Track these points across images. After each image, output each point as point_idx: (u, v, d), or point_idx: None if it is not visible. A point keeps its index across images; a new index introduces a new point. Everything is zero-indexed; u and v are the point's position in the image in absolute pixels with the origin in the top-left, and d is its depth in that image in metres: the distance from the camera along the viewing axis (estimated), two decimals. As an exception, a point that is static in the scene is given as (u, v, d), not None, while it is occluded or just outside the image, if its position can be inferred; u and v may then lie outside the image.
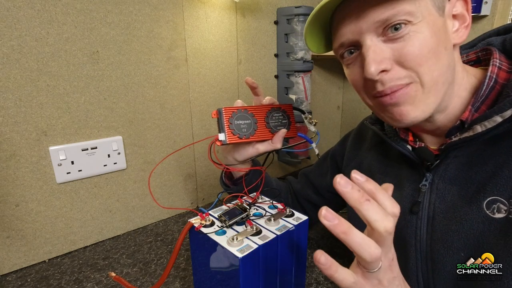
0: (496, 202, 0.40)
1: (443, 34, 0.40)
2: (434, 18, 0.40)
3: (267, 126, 0.59)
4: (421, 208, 0.47)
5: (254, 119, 0.57)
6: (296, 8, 1.03)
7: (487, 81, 0.42)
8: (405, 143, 0.50)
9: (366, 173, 0.58)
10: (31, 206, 0.71)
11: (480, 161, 0.42)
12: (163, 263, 0.73)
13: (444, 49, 0.40)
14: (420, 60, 0.39)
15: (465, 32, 0.43)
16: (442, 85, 0.41)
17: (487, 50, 0.48)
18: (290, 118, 0.61)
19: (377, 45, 0.40)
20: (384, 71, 0.41)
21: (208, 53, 0.93)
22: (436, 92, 0.41)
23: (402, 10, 0.38)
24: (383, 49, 0.40)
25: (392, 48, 0.40)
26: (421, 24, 0.39)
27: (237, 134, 0.56)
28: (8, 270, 0.70)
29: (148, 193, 0.89)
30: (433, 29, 0.39)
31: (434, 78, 0.40)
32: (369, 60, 0.40)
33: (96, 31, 0.72)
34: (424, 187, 0.47)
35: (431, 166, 0.47)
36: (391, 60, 0.40)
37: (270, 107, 0.59)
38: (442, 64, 0.41)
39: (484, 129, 0.40)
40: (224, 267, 0.45)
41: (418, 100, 0.42)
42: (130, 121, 0.82)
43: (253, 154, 0.60)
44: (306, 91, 1.10)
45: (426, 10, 0.39)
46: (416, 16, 0.38)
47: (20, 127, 0.66)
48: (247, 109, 0.57)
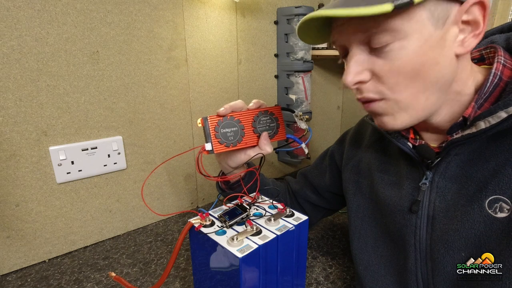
0: (499, 201, 0.39)
1: (437, 49, 0.38)
2: (428, 33, 0.37)
3: (255, 132, 0.58)
4: (420, 207, 0.46)
5: (241, 125, 0.57)
6: (296, 8, 1.03)
7: (491, 78, 0.41)
8: (406, 140, 0.49)
9: (365, 171, 0.59)
10: (31, 206, 0.71)
11: (482, 158, 0.41)
12: (163, 263, 0.73)
13: (434, 65, 0.39)
14: (398, 80, 0.39)
15: (473, 41, 0.39)
16: (425, 100, 0.41)
17: (491, 48, 0.47)
18: (278, 120, 0.61)
19: (361, 56, 0.41)
20: (361, 82, 0.41)
21: (208, 53, 0.93)
22: (417, 107, 0.41)
23: (388, 26, 0.37)
24: (365, 61, 0.40)
25: (373, 62, 0.40)
26: (407, 40, 0.37)
27: (224, 142, 0.55)
28: (8, 270, 0.70)
29: (148, 193, 0.89)
30: (422, 45, 0.38)
31: (412, 96, 0.40)
32: (348, 71, 0.41)
33: (96, 31, 0.72)
34: (424, 186, 0.46)
35: (431, 164, 0.46)
36: (370, 72, 0.41)
37: (258, 111, 0.58)
38: (427, 80, 0.39)
39: (488, 125, 0.39)
40: (224, 267, 0.45)
41: (395, 113, 0.42)
42: (130, 121, 0.82)
43: (244, 160, 0.60)
44: (306, 91, 1.10)
45: (417, 25, 0.37)
46: (402, 32, 0.37)
47: (20, 127, 0.66)
48: (233, 116, 0.56)
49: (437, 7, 0.37)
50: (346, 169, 0.63)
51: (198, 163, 0.57)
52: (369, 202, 0.56)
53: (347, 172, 0.62)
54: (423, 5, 0.36)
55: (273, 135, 0.60)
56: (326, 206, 0.72)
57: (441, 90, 0.41)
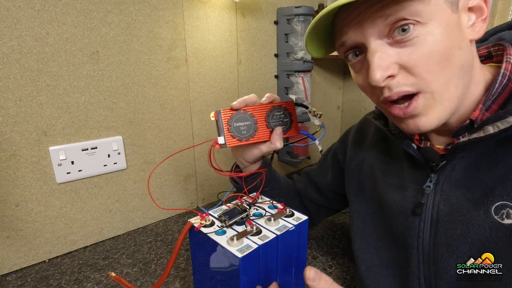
0: (506, 207, 0.37)
1: (457, 32, 0.37)
2: (447, 16, 0.36)
3: (268, 126, 0.57)
4: (424, 210, 0.45)
5: (254, 120, 0.56)
6: (296, 8, 1.03)
7: (500, 78, 0.40)
8: (410, 141, 0.47)
9: (368, 172, 0.58)
10: (31, 206, 0.71)
11: (489, 163, 0.40)
12: (163, 263, 0.73)
13: (458, 49, 0.37)
14: (429, 67, 0.37)
15: (483, 26, 0.39)
16: (455, 88, 0.39)
17: (500, 46, 0.45)
18: (291, 116, 0.60)
19: (383, 50, 0.38)
20: (390, 77, 0.39)
21: (208, 53, 0.93)
22: (449, 97, 0.39)
23: (410, 9, 0.35)
24: (390, 54, 0.38)
25: (399, 53, 0.38)
26: (431, 24, 0.36)
27: (236, 136, 0.54)
28: (8, 270, 0.70)
29: (148, 193, 0.89)
30: (445, 29, 0.36)
31: (445, 84, 0.38)
32: (374, 67, 0.38)
33: (96, 31, 0.72)
34: (428, 189, 0.45)
35: (436, 166, 0.45)
36: (398, 65, 0.38)
37: (271, 106, 0.58)
38: (455, 66, 0.38)
39: (497, 130, 0.37)
40: (224, 267, 0.45)
41: (431, 110, 0.40)
42: (130, 121, 0.82)
43: (258, 155, 0.59)
44: (306, 91, 1.10)
45: (437, 8, 0.36)
46: (426, 15, 0.35)
47: (20, 127, 0.66)
48: (246, 110, 0.56)
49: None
50: (348, 168, 0.62)
51: (210, 156, 0.56)
52: (371, 203, 0.56)
53: (349, 172, 0.62)
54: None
55: (286, 130, 0.59)
56: (329, 205, 0.72)
57: (466, 77, 0.40)
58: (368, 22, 0.38)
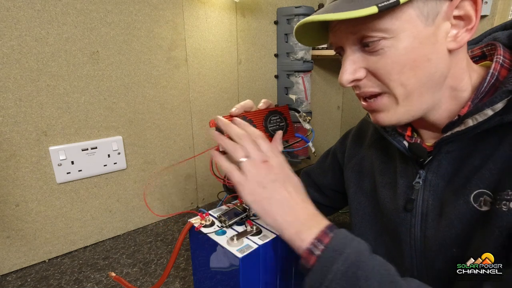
0: (483, 195, 0.39)
1: (428, 46, 0.39)
2: (418, 30, 0.38)
3: (266, 131, 0.58)
4: (415, 206, 0.47)
5: (253, 125, 0.57)
6: (296, 8, 1.03)
7: (488, 78, 0.42)
8: (402, 138, 0.49)
9: (367, 170, 0.59)
10: (31, 206, 0.71)
11: (469, 155, 0.42)
12: (163, 263, 0.73)
13: (425, 61, 0.40)
14: (392, 76, 0.40)
15: (466, 36, 0.40)
16: (419, 96, 0.42)
17: (492, 45, 0.47)
18: (287, 119, 0.61)
19: (355, 55, 0.42)
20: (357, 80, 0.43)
21: (208, 53, 0.93)
22: (412, 103, 0.42)
23: (376, 27, 0.38)
24: (359, 59, 0.42)
25: (367, 59, 0.41)
26: (397, 38, 0.38)
27: None
28: (8, 270, 0.70)
29: (148, 193, 0.89)
30: (414, 41, 0.39)
31: (408, 91, 0.41)
32: (343, 70, 0.43)
33: (96, 31, 0.72)
34: (417, 185, 0.47)
35: (423, 162, 0.47)
36: (366, 70, 0.42)
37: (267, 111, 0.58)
38: (420, 76, 0.40)
39: (476, 122, 0.40)
40: (224, 267, 0.45)
41: (392, 109, 0.43)
42: (130, 121, 0.82)
43: None
44: (306, 91, 1.10)
45: (406, 23, 0.38)
46: (393, 30, 0.38)
47: (20, 127, 0.66)
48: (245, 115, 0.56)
49: (426, 4, 0.38)
50: (348, 168, 0.63)
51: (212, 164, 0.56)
52: (370, 201, 0.57)
53: (349, 171, 0.63)
54: (411, 3, 0.37)
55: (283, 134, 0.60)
56: (329, 204, 0.73)
57: (435, 86, 0.42)
58: (344, 34, 0.42)
